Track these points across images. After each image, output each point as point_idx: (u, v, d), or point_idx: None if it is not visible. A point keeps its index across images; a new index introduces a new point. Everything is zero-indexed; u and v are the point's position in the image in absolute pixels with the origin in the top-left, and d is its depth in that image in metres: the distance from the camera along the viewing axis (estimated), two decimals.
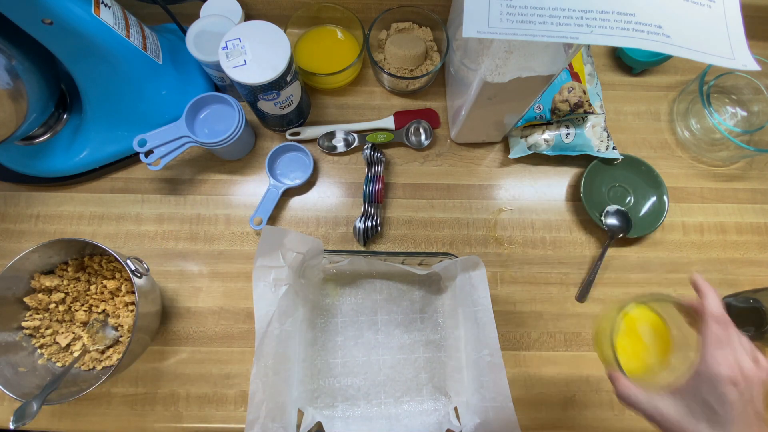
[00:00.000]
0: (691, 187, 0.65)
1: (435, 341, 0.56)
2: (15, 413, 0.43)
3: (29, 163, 0.58)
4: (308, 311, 0.56)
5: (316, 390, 0.54)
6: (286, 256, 0.49)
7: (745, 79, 0.66)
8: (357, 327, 0.57)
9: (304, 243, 0.50)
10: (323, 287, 0.58)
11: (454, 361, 0.55)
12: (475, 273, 0.51)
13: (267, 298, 0.48)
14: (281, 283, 0.49)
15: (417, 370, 0.55)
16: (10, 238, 0.59)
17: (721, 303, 0.37)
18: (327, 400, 0.54)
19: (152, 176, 0.62)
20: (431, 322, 0.57)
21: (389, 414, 0.53)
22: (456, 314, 0.55)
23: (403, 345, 0.56)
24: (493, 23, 0.35)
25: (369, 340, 0.56)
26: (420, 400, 0.54)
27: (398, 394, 0.54)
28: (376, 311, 0.57)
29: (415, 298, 0.58)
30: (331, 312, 0.57)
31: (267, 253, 0.48)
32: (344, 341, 0.56)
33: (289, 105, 0.57)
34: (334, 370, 0.55)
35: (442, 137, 0.66)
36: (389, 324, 0.57)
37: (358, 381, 0.54)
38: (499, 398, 0.46)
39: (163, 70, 0.57)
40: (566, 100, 0.59)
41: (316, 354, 0.55)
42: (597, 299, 0.60)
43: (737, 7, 0.38)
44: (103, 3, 0.48)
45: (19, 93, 0.48)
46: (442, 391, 0.54)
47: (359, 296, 0.58)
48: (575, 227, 0.63)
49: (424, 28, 0.66)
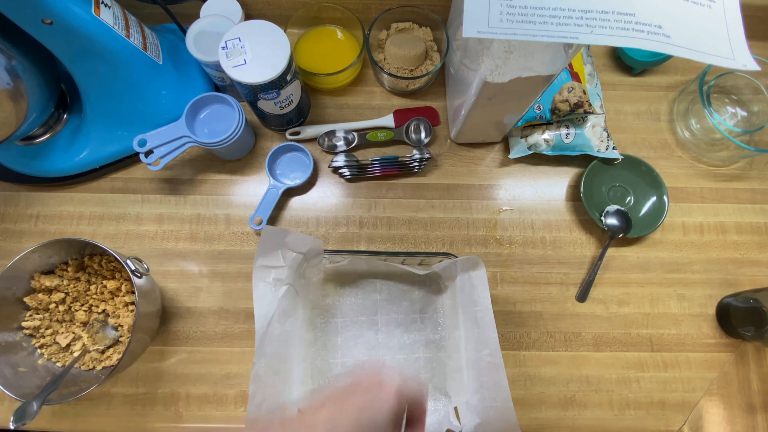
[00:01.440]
0: (691, 187, 0.65)
1: (435, 341, 0.56)
2: (15, 413, 0.43)
3: (29, 163, 0.58)
4: (308, 311, 0.56)
5: (315, 391, 0.54)
6: (286, 256, 0.49)
7: (745, 79, 0.66)
8: (357, 327, 0.57)
9: (304, 243, 0.50)
10: (323, 287, 0.58)
11: (454, 361, 0.55)
12: (475, 273, 0.51)
13: (267, 298, 0.48)
14: (281, 283, 0.49)
15: (417, 370, 0.55)
16: (10, 238, 0.59)
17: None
18: None
19: (152, 176, 0.62)
20: (431, 322, 0.57)
21: None
22: (456, 314, 0.55)
23: (403, 345, 0.56)
24: (493, 23, 0.35)
25: (369, 340, 0.56)
26: None
27: None
28: (376, 311, 0.57)
29: (415, 299, 0.58)
30: (331, 312, 0.57)
31: (267, 253, 0.48)
32: (344, 341, 0.56)
33: (290, 104, 0.57)
34: (334, 370, 0.55)
35: (442, 137, 0.66)
36: (389, 324, 0.57)
37: None
38: (500, 398, 0.46)
39: (163, 70, 0.57)
40: (566, 100, 0.59)
41: (316, 354, 0.55)
42: (597, 299, 0.60)
43: (737, 7, 0.38)
44: (103, 3, 0.48)
45: (19, 93, 0.48)
46: (442, 391, 0.54)
47: (359, 296, 0.58)
48: (575, 227, 0.63)
49: (424, 28, 0.66)
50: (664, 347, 0.59)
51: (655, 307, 0.60)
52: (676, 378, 0.58)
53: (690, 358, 0.59)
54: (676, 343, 0.59)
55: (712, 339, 0.60)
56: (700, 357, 0.59)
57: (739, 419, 0.57)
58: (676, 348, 0.59)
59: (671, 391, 0.58)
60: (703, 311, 0.61)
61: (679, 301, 0.61)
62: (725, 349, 0.60)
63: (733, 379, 0.59)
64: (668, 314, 0.60)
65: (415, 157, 0.61)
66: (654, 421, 0.57)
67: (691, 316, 0.60)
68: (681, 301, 0.61)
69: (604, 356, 0.59)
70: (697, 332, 0.60)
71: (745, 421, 0.57)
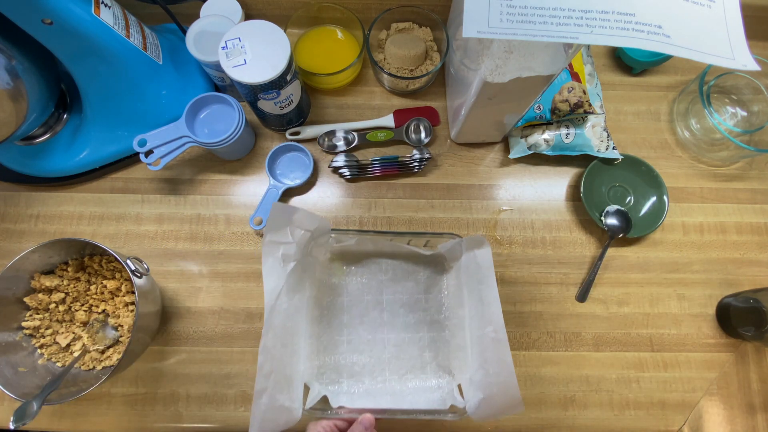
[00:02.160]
0: (691, 187, 0.65)
1: (439, 321, 0.57)
2: (15, 413, 0.43)
3: (29, 163, 0.58)
4: (315, 289, 0.57)
5: (321, 366, 0.54)
6: (294, 234, 0.50)
7: (745, 79, 0.66)
8: (362, 306, 0.57)
9: (312, 221, 0.50)
10: (330, 266, 0.58)
11: (458, 339, 0.55)
12: (480, 251, 0.51)
13: (276, 273, 0.49)
14: (289, 259, 0.50)
15: (421, 349, 0.56)
16: (10, 238, 0.59)
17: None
18: (332, 376, 0.54)
19: (152, 176, 0.62)
20: (435, 302, 0.58)
21: (393, 390, 0.54)
22: (461, 294, 0.55)
23: (407, 324, 0.57)
24: (493, 23, 0.35)
25: (374, 319, 0.57)
26: (424, 377, 0.55)
27: (402, 371, 0.55)
28: (381, 291, 0.58)
29: (420, 279, 0.58)
30: (337, 291, 0.57)
31: (276, 229, 0.49)
32: (350, 320, 0.56)
33: (290, 104, 0.57)
34: (339, 347, 0.55)
35: (442, 137, 0.66)
36: (394, 304, 0.57)
37: (363, 358, 0.55)
38: (503, 373, 0.46)
39: (163, 70, 0.57)
40: (566, 100, 0.59)
41: (322, 331, 0.56)
42: (597, 299, 0.60)
43: (737, 7, 0.38)
44: (103, 3, 0.48)
45: (19, 93, 0.48)
46: (446, 370, 0.55)
47: (365, 276, 0.58)
48: (575, 227, 0.63)
49: (424, 28, 0.66)
50: (664, 347, 0.59)
51: (655, 307, 0.60)
52: (676, 378, 0.58)
53: (690, 358, 0.59)
54: (676, 343, 0.59)
55: (712, 339, 0.60)
56: (700, 357, 0.59)
57: (739, 419, 0.57)
58: (676, 348, 0.59)
59: (671, 391, 0.58)
60: (703, 311, 0.61)
61: (679, 301, 0.61)
62: (725, 349, 0.60)
63: (733, 379, 0.59)
64: (668, 314, 0.60)
65: (415, 157, 0.61)
66: (654, 421, 0.57)
67: (691, 316, 0.60)
68: (681, 301, 0.61)
69: (604, 356, 0.59)
70: (697, 332, 0.60)
71: (745, 421, 0.57)
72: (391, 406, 0.51)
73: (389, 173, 0.62)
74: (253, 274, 0.59)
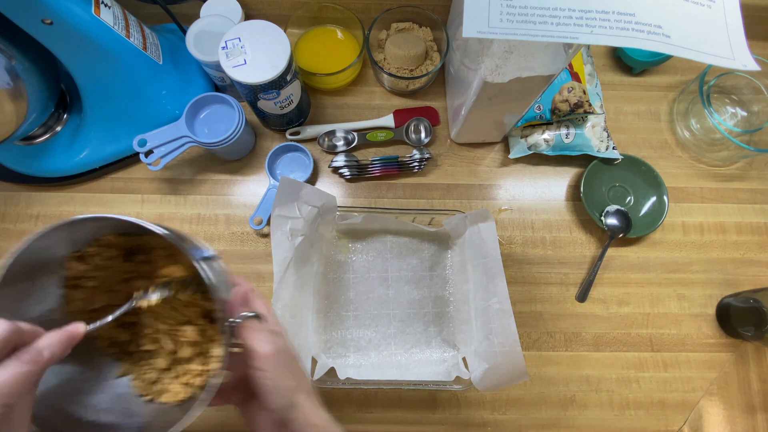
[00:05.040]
0: (691, 187, 0.65)
1: (444, 297, 0.58)
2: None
3: (29, 163, 0.58)
4: (322, 265, 0.58)
5: (328, 341, 0.55)
6: (302, 209, 0.51)
7: (745, 79, 0.66)
8: (368, 283, 0.58)
9: (319, 197, 0.51)
10: (336, 243, 0.59)
11: (462, 314, 0.56)
12: (484, 225, 0.52)
13: (284, 246, 0.50)
14: (297, 234, 0.51)
15: (426, 324, 0.57)
16: (10, 238, 0.59)
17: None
18: (339, 350, 0.55)
19: (152, 176, 0.62)
20: (440, 279, 0.58)
21: (399, 363, 0.55)
22: (465, 270, 0.56)
23: (412, 301, 0.57)
24: (493, 23, 0.35)
25: (380, 295, 0.57)
26: (429, 351, 0.56)
27: (408, 345, 0.56)
28: (386, 268, 0.59)
29: (425, 256, 0.59)
30: (343, 268, 0.58)
31: (284, 203, 0.50)
32: (356, 296, 0.57)
33: (290, 104, 0.57)
34: (345, 322, 0.56)
35: (442, 137, 0.66)
36: (399, 281, 0.58)
37: (369, 333, 0.56)
38: (508, 343, 0.47)
39: (163, 70, 0.57)
40: (566, 100, 0.59)
41: (329, 306, 0.57)
42: (597, 299, 0.60)
43: (737, 7, 0.38)
44: (103, 3, 0.48)
45: (19, 93, 0.48)
46: (451, 344, 0.56)
47: (371, 253, 0.59)
48: (575, 227, 0.63)
49: (424, 28, 0.66)
50: (664, 347, 0.59)
51: (655, 307, 0.60)
52: (676, 378, 0.58)
53: (690, 358, 0.59)
54: (676, 343, 0.59)
55: (712, 339, 0.60)
56: (700, 357, 0.59)
57: (739, 419, 0.57)
58: (676, 348, 0.59)
59: (671, 391, 0.58)
60: (703, 311, 0.61)
61: (679, 301, 0.61)
62: (725, 349, 0.60)
63: (733, 379, 0.59)
64: (668, 314, 0.60)
65: (415, 157, 0.61)
66: (654, 421, 0.57)
67: (691, 316, 0.60)
68: (681, 301, 0.61)
69: (604, 356, 0.59)
70: (697, 332, 0.60)
71: (745, 421, 0.57)
72: (397, 377, 0.52)
73: (389, 173, 0.62)
74: (254, 273, 0.59)
